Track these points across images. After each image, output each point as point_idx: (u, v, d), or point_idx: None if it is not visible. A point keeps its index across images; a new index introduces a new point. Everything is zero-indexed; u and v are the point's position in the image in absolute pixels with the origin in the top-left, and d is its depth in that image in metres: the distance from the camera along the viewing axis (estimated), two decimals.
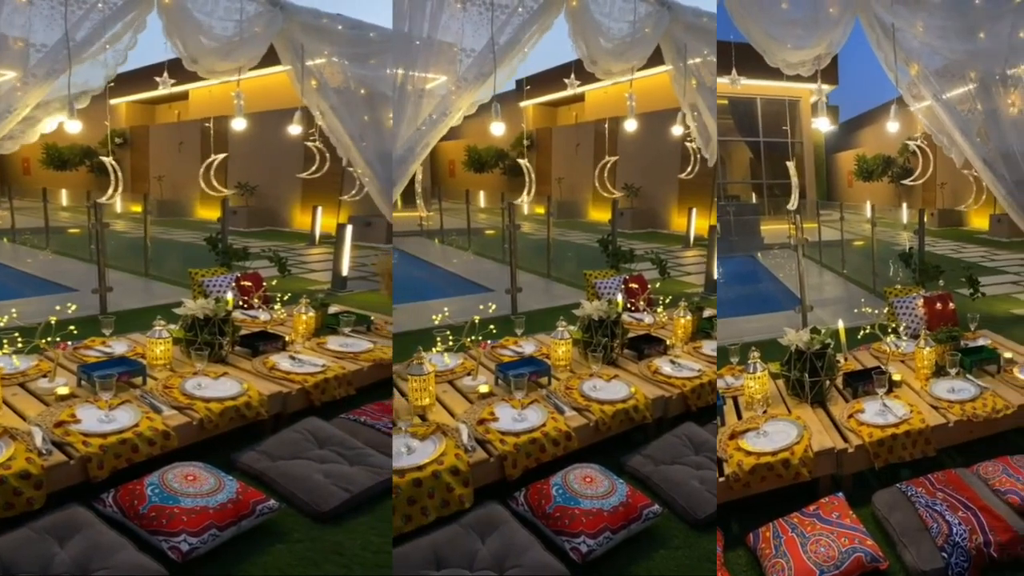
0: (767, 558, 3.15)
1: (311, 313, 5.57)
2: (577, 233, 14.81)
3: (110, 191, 4.66)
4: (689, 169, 8.06)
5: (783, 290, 9.74)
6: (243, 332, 5.25)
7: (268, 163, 16.55)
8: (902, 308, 6.00)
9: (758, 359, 4.23)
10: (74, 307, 4.90)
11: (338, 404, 4.58)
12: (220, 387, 4.26)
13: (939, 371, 4.60)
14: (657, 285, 7.30)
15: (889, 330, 5.37)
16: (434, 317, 5.10)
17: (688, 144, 7.51)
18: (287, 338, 5.30)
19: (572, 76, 4.75)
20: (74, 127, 4.60)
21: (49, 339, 4.49)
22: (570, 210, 18.97)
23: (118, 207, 16.98)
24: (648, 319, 6.24)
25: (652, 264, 9.23)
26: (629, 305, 6.31)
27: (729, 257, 13.81)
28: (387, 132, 6.09)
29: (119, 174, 4.64)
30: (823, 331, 4.37)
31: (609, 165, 5.16)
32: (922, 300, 5.93)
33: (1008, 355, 4.96)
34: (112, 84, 4.99)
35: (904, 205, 17.11)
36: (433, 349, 4.87)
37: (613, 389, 4.40)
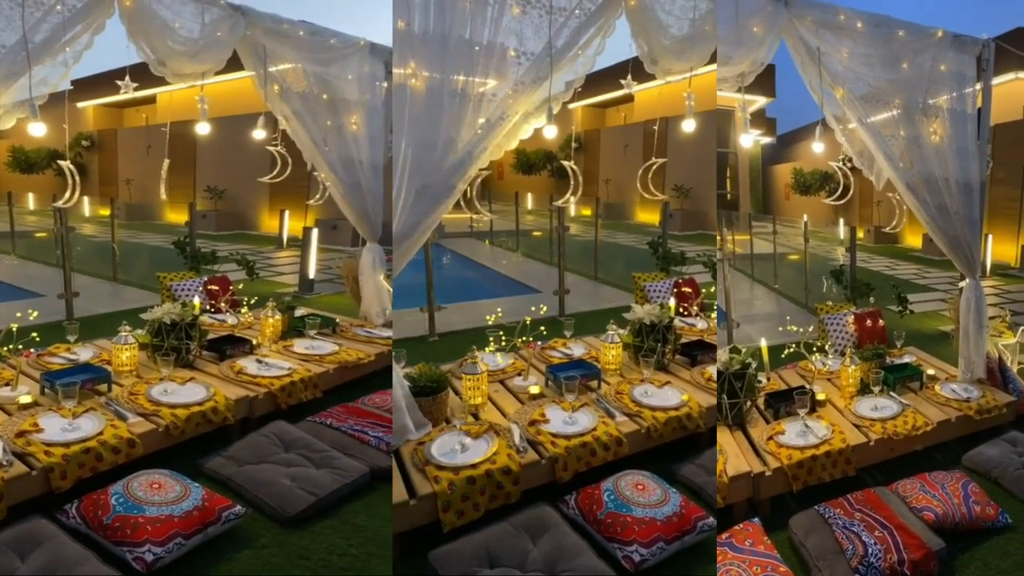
0: None
1: (278, 316, 5.44)
2: (624, 235, 14.48)
3: (67, 194, 4.46)
4: None
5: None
6: (210, 336, 5.10)
7: (237, 167, 16.20)
8: (832, 325, 5.84)
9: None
10: (35, 313, 4.70)
11: (305, 407, 4.47)
12: (187, 392, 4.12)
13: (864, 389, 4.49)
14: (712, 289, 6.90)
15: (815, 348, 5.19)
16: (488, 317, 5.04)
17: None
18: (254, 341, 5.16)
19: (629, 77, 4.57)
20: (38, 129, 4.39)
21: (11, 346, 4.30)
22: (617, 212, 18.48)
23: (86, 210, 16.49)
24: (701, 324, 5.97)
25: (704, 267, 8.88)
26: (681, 309, 6.07)
27: None
28: (350, 137, 5.98)
29: (76, 178, 4.43)
30: (744, 350, 4.19)
31: (655, 167, 4.93)
32: (853, 317, 5.79)
33: (931, 371, 4.95)
34: (71, 88, 4.79)
35: (841, 221, 16.65)
36: (486, 349, 4.79)
37: (665, 396, 4.24)
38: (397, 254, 3.74)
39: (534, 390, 4.27)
